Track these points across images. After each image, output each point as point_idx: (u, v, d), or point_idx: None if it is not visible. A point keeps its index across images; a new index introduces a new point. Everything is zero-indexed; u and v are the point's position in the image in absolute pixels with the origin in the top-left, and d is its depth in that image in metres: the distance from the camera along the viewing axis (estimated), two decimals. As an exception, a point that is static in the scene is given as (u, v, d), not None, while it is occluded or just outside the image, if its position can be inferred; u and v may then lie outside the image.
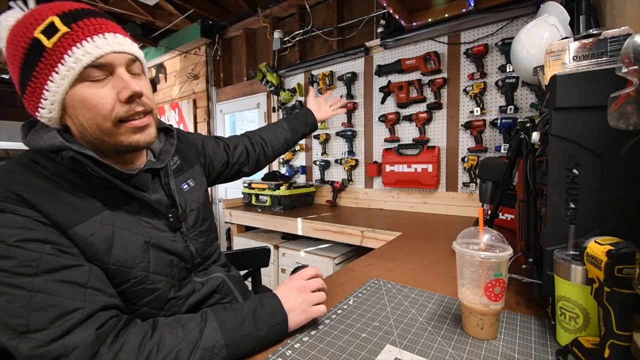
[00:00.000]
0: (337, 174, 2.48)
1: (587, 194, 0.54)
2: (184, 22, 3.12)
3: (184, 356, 0.47)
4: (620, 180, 0.52)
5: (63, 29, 0.48)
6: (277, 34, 2.64)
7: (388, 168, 2.12)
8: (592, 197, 0.54)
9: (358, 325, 0.62)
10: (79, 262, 0.49)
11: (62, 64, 0.48)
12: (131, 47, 0.55)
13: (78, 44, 0.48)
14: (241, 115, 3.54)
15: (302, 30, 2.56)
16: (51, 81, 0.49)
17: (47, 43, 0.47)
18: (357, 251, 1.82)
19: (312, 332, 0.59)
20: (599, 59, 0.56)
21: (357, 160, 2.35)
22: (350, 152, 2.35)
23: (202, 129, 3.42)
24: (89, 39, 0.49)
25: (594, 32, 0.58)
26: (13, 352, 0.44)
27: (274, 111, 2.81)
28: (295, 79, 2.65)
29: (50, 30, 0.48)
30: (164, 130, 0.72)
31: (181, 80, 3.57)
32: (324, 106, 1.22)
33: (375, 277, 0.87)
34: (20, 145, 3.02)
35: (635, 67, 0.40)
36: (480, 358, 0.52)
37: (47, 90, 0.49)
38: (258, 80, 2.71)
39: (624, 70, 0.41)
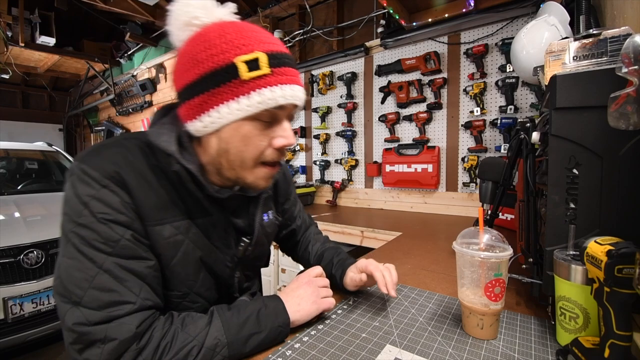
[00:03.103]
0: (337, 174, 2.48)
1: (587, 194, 0.54)
2: (184, 22, 3.11)
3: (192, 354, 0.48)
4: (620, 180, 0.52)
5: (265, 70, 0.48)
6: (277, 34, 2.63)
7: (388, 168, 2.12)
8: (592, 197, 0.54)
9: (358, 325, 0.62)
10: (149, 256, 0.51)
11: (247, 99, 0.48)
12: (303, 99, 0.54)
13: (269, 88, 0.48)
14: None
15: (302, 30, 2.56)
16: (226, 106, 0.48)
17: (244, 75, 0.47)
18: (357, 251, 1.82)
19: (312, 332, 0.60)
20: (599, 59, 0.56)
21: (357, 160, 2.35)
22: (350, 152, 2.35)
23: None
24: (281, 86, 0.49)
25: (594, 32, 0.58)
26: (60, 315, 0.46)
27: (274, 111, 2.80)
28: (295, 79, 2.65)
29: (253, 64, 0.47)
30: None
31: (181, 80, 3.56)
32: (359, 276, 0.71)
33: (375, 277, 0.87)
34: (20, 145, 3.01)
35: (635, 67, 0.40)
36: (480, 358, 0.52)
37: (216, 112, 0.49)
38: (258, 80, 2.71)
39: (624, 70, 0.41)
